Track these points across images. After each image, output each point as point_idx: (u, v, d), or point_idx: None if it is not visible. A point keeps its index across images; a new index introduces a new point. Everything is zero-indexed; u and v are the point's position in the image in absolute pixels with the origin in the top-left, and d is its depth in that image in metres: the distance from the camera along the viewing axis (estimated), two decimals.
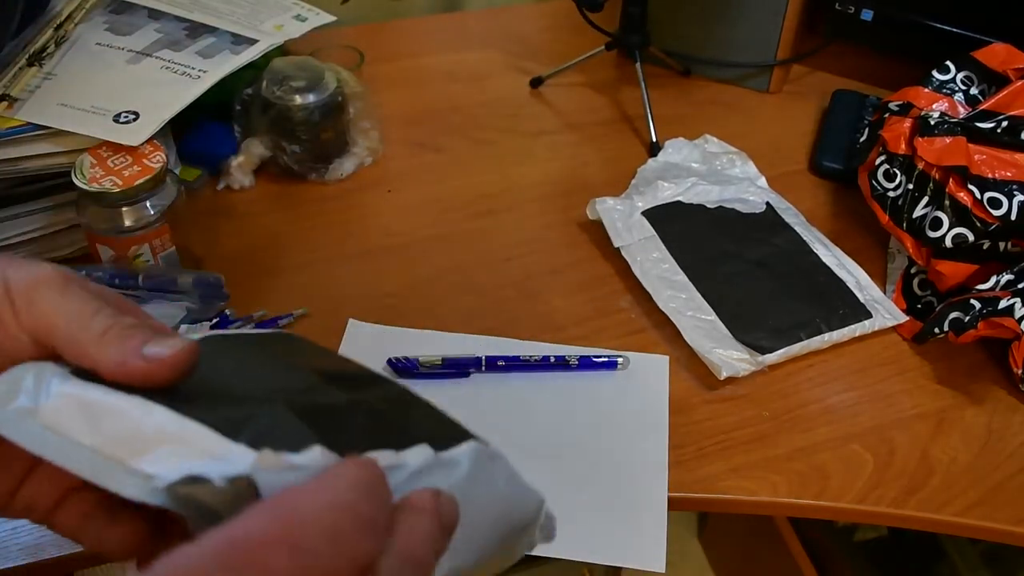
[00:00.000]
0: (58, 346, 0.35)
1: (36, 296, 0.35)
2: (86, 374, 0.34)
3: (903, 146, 0.75)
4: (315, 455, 0.30)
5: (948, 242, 0.71)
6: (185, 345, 0.34)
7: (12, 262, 0.36)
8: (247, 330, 0.43)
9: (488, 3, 1.18)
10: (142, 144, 0.70)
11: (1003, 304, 0.66)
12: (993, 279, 0.70)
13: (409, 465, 0.32)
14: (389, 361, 0.67)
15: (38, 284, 0.36)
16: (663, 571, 0.58)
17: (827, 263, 0.77)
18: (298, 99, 0.82)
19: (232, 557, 0.26)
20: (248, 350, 0.40)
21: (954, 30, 0.92)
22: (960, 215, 0.71)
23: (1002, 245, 0.72)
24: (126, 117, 0.72)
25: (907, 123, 0.76)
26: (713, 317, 0.72)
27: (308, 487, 0.28)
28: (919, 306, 0.75)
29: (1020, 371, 0.67)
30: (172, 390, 0.33)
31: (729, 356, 0.68)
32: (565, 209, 0.84)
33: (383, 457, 0.32)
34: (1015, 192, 0.70)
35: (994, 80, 0.80)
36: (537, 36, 1.10)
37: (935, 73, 0.81)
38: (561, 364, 0.68)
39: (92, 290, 0.37)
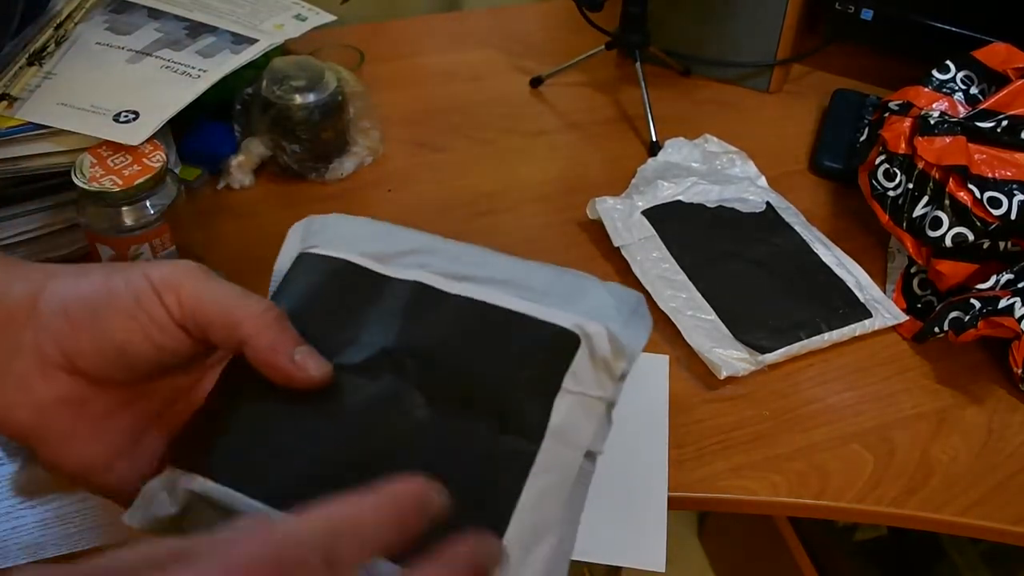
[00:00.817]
0: (212, 330, 0.38)
1: (182, 288, 0.38)
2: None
3: (903, 146, 0.75)
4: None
5: (948, 241, 0.71)
6: (329, 370, 0.39)
7: (150, 264, 0.40)
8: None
9: (488, 2, 1.18)
10: (142, 143, 0.70)
11: (1003, 303, 0.66)
12: (993, 279, 0.70)
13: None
14: None
15: (180, 277, 0.39)
16: (663, 570, 0.58)
17: (827, 263, 0.77)
18: (298, 98, 0.82)
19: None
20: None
21: (954, 29, 0.92)
22: (960, 215, 0.71)
23: (1002, 245, 0.72)
24: (126, 116, 0.72)
25: (907, 122, 0.76)
26: (713, 317, 0.72)
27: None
28: (919, 306, 0.75)
29: (1020, 371, 0.67)
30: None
31: (729, 356, 0.68)
32: (565, 209, 0.84)
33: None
34: (1015, 192, 0.70)
35: (994, 79, 0.80)
36: (537, 35, 1.10)
37: (935, 72, 0.81)
38: None
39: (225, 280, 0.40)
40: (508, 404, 0.38)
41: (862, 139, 0.83)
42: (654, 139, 0.91)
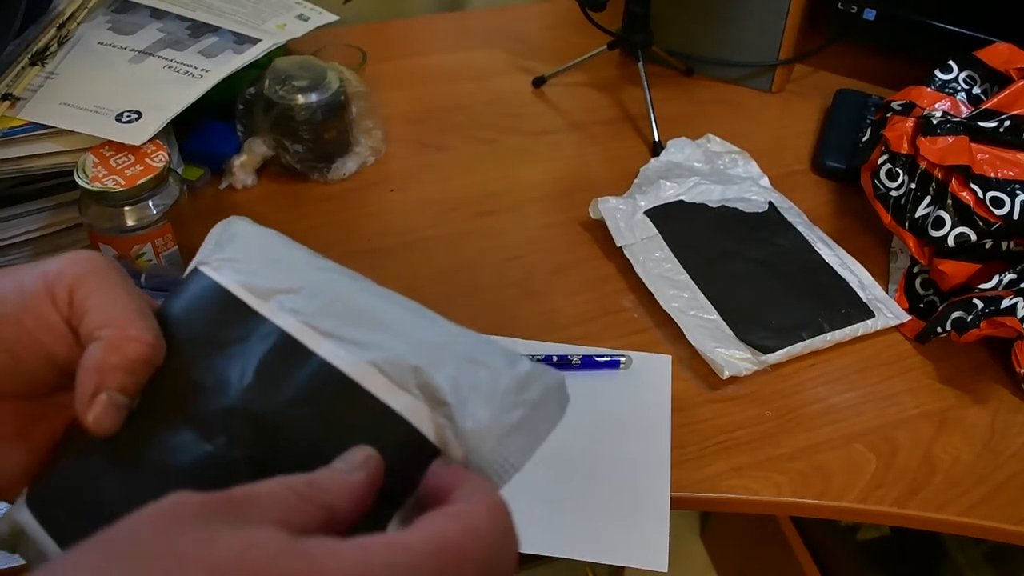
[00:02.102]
0: (89, 330, 0.34)
1: (78, 284, 0.35)
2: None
3: (906, 145, 0.75)
4: None
5: (950, 241, 0.71)
6: (108, 428, 0.34)
7: (57, 257, 0.36)
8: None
9: (490, 2, 1.18)
10: (144, 143, 0.71)
11: (1005, 303, 0.66)
12: (995, 278, 0.70)
13: None
14: None
15: (79, 271, 0.35)
16: (665, 570, 0.58)
17: (829, 262, 0.76)
18: (301, 98, 0.82)
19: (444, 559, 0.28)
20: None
21: (957, 29, 0.92)
22: (962, 214, 0.71)
23: (1004, 244, 0.72)
24: (128, 116, 0.72)
25: (910, 122, 0.76)
26: (715, 316, 0.71)
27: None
28: (921, 305, 0.75)
29: (1022, 370, 0.67)
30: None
31: (731, 356, 0.68)
32: (567, 208, 0.84)
33: None
34: (1017, 191, 0.70)
35: (997, 79, 0.80)
36: (539, 35, 1.10)
37: (938, 72, 0.81)
38: (564, 363, 0.68)
39: (128, 280, 0.36)
40: None
41: (865, 139, 0.83)
42: (657, 139, 0.91)
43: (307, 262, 0.41)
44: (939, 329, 0.69)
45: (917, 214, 0.74)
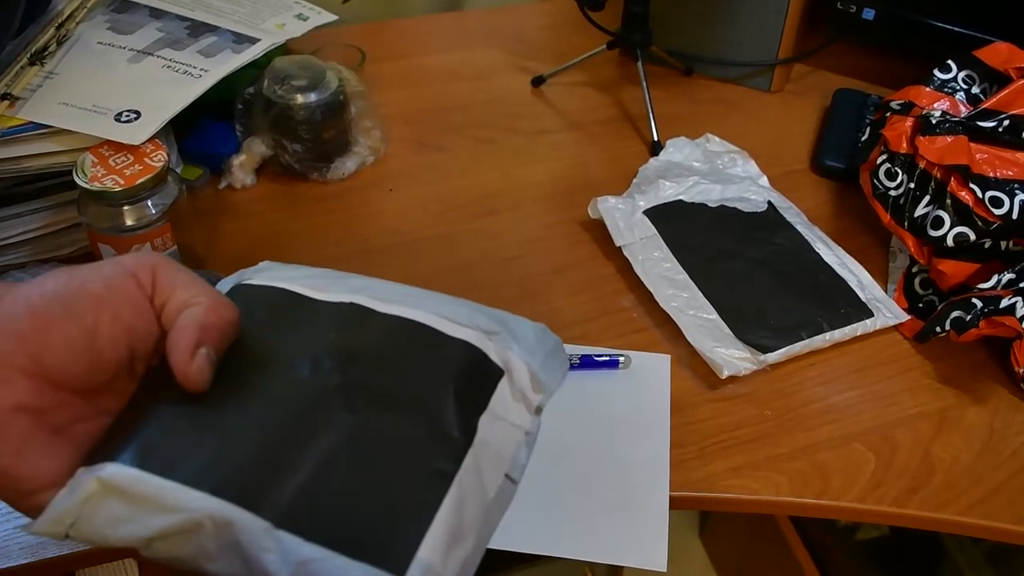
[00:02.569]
0: (181, 301, 0.39)
1: (158, 269, 0.39)
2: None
3: (905, 145, 0.75)
4: None
5: (950, 241, 0.71)
6: (204, 380, 0.39)
7: (120, 256, 0.42)
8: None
9: (489, 2, 1.18)
10: (144, 143, 0.71)
11: (1004, 303, 0.66)
12: (995, 278, 0.70)
13: None
14: None
15: (156, 260, 0.39)
16: (664, 570, 0.58)
17: (829, 262, 0.77)
18: (300, 98, 0.82)
19: None
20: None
21: (956, 29, 0.92)
22: (961, 214, 0.71)
23: (1003, 244, 0.72)
24: (127, 116, 0.72)
25: (909, 122, 0.76)
26: (715, 316, 0.71)
27: None
28: (920, 305, 0.75)
29: (1022, 370, 0.67)
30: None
31: (731, 355, 0.68)
32: (567, 208, 0.84)
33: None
34: (1016, 191, 0.70)
35: (996, 79, 0.80)
36: (538, 35, 1.10)
37: (937, 72, 0.81)
38: None
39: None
40: (435, 412, 0.39)
41: (864, 139, 0.83)
42: (656, 138, 0.91)
43: (339, 274, 0.47)
44: (938, 329, 0.69)
45: (916, 214, 0.74)
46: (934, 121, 0.74)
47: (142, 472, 0.37)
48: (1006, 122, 0.73)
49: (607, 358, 0.69)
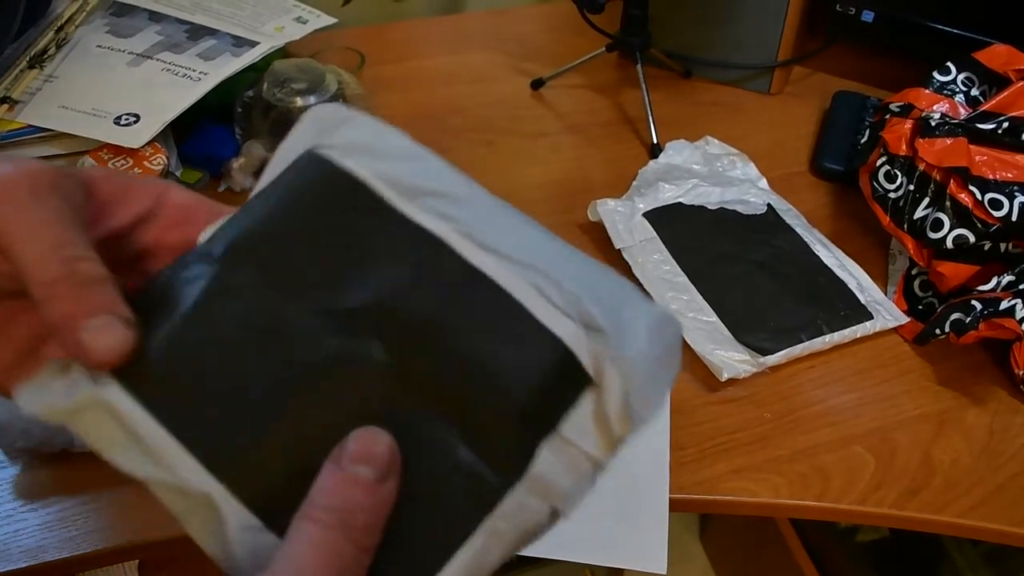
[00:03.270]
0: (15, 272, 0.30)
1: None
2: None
3: (904, 147, 0.75)
4: None
5: (949, 243, 0.71)
6: (127, 347, 0.30)
7: None
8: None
9: (489, 5, 1.18)
10: (143, 146, 0.71)
11: (1004, 305, 0.66)
12: (994, 280, 0.70)
13: None
14: None
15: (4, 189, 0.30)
16: (664, 572, 0.58)
17: (828, 264, 0.77)
18: (299, 101, 0.82)
19: None
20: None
21: (955, 31, 0.92)
22: (961, 216, 0.71)
23: (1003, 246, 0.72)
24: (127, 119, 0.72)
25: (908, 124, 0.76)
26: (714, 319, 0.71)
27: None
28: (920, 307, 0.75)
29: (1021, 372, 0.67)
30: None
31: (730, 357, 0.68)
32: (566, 211, 0.84)
33: None
34: (1016, 193, 0.70)
35: (995, 81, 0.80)
36: (538, 37, 1.10)
37: (936, 74, 0.81)
38: None
39: (73, 202, 0.31)
40: (490, 422, 0.31)
41: (863, 141, 0.83)
42: (655, 141, 0.91)
43: (445, 166, 0.37)
44: (938, 331, 0.69)
45: (916, 216, 0.74)
46: (933, 123, 0.74)
47: (146, 413, 0.31)
48: (1005, 124, 0.73)
49: None
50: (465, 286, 0.33)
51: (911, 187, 0.74)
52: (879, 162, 0.76)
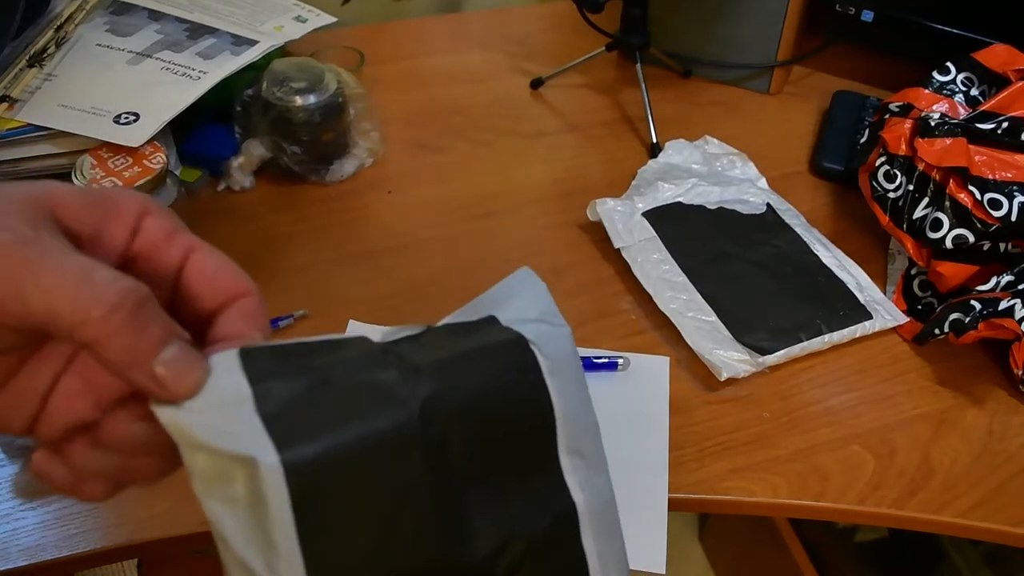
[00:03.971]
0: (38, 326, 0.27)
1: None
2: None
3: (903, 147, 0.75)
4: None
5: (948, 243, 0.71)
6: (201, 378, 0.28)
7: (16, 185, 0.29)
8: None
9: (488, 4, 1.18)
10: (142, 145, 0.71)
11: (1003, 305, 0.66)
12: (993, 280, 0.70)
13: None
14: None
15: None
16: (663, 572, 0.58)
17: (827, 264, 0.77)
18: (298, 100, 0.82)
19: None
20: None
21: (954, 31, 0.92)
22: (960, 216, 0.71)
23: (1002, 246, 0.72)
24: (126, 118, 0.72)
25: (907, 124, 0.76)
26: (714, 318, 0.72)
27: None
28: (919, 307, 0.75)
29: (1020, 372, 0.67)
30: None
31: (729, 357, 0.68)
32: (566, 210, 0.84)
33: None
34: (1015, 193, 0.70)
35: (994, 81, 0.80)
36: (537, 37, 1.10)
37: (935, 74, 0.81)
38: None
39: (51, 227, 0.29)
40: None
41: (862, 141, 0.83)
42: (655, 140, 0.91)
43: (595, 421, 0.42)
44: (937, 331, 0.69)
45: (915, 216, 0.74)
46: (933, 123, 0.74)
47: (292, 519, 0.28)
48: (1005, 124, 0.73)
49: (606, 360, 0.69)
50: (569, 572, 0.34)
51: (910, 187, 0.74)
52: (878, 162, 0.76)
